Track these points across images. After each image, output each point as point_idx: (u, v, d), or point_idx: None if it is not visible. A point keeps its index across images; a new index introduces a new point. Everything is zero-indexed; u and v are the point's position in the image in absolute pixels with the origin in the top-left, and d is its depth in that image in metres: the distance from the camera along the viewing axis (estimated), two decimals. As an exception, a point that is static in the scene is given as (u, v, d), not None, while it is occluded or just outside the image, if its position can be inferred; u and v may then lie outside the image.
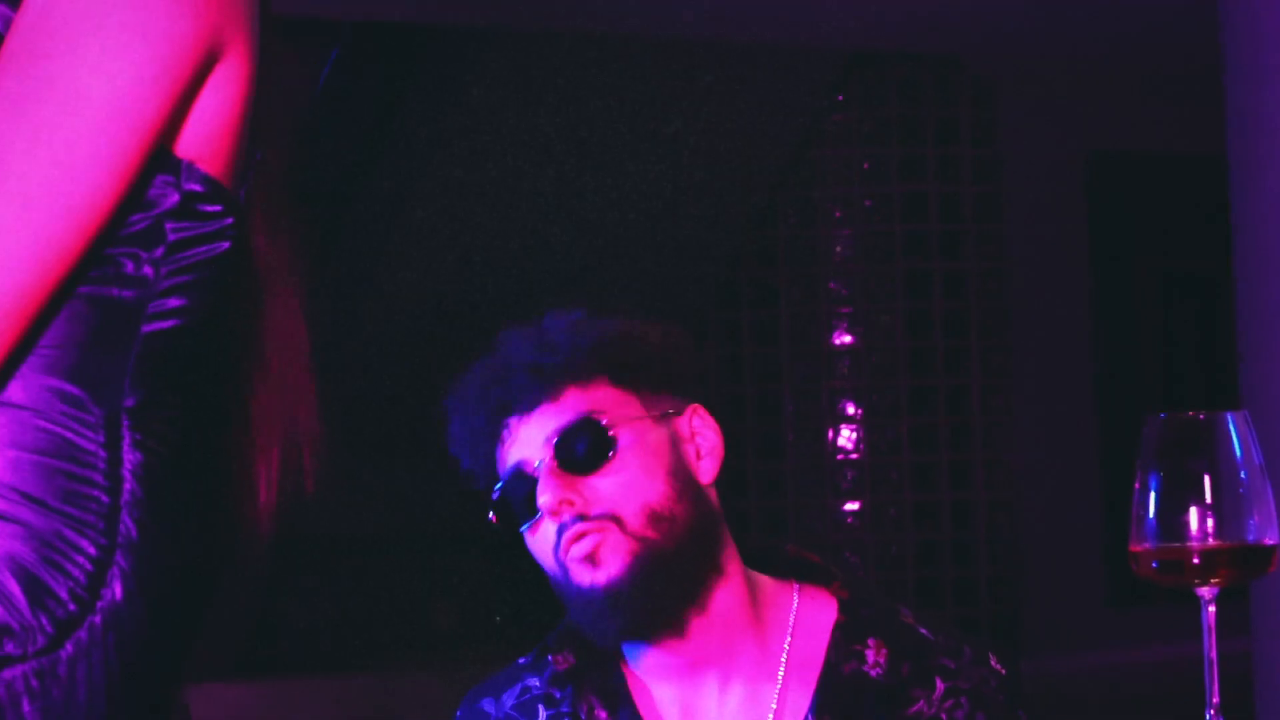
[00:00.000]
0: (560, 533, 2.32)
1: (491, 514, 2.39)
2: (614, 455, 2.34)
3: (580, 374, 2.37)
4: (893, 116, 8.12)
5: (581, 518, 2.32)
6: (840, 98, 8.11)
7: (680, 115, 7.82)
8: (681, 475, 2.37)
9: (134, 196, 1.54)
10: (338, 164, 7.41)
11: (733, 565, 2.40)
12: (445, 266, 7.66)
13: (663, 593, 2.33)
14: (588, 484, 2.33)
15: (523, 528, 2.38)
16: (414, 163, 7.54)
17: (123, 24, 1.51)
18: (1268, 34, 5.97)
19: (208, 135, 1.59)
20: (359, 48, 7.31)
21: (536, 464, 2.34)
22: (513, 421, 2.36)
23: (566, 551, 2.32)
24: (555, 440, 2.34)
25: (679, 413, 2.40)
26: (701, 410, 2.42)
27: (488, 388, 2.38)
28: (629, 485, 2.34)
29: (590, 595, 2.31)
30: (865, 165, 8.10)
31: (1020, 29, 7.73)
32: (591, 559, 2.31)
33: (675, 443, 2.39)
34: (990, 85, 8.24)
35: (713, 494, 2.42)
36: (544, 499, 2.32)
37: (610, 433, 2.34)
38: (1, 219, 1.48)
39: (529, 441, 2.35)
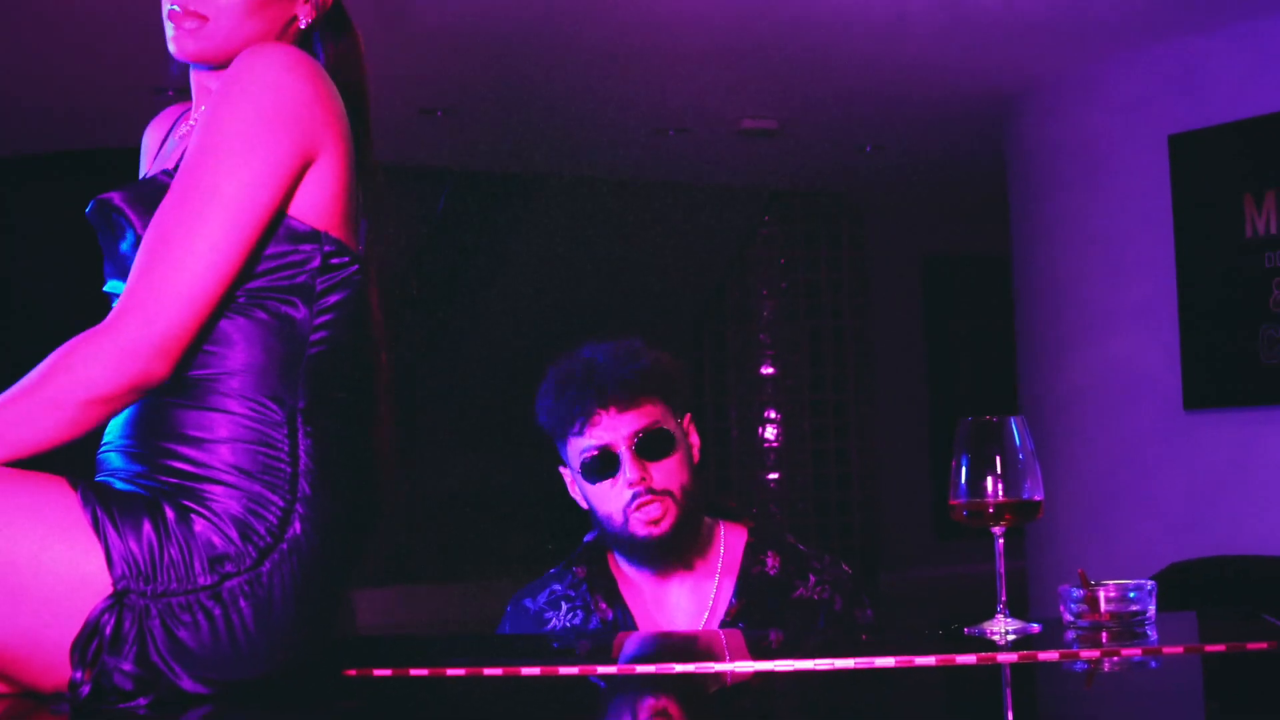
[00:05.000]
0: (634, 498, 2.24)
1: (581, 470, 2.26)
2: (671, 451, 2.28)
3: (650, 390, 2.28)
4: (799, 231, 8.09)
5: (650, 490, 2.25)
6: (766, 219, 8.11)
7: (664, 231, 7.80)
8: (691, 462, 2.31)
9: (260, 246, 1.52)
10: (452, 259, 7.38)
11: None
12: (509, 328, 7.63)
13: (686, 539, 2.30)
14: (653, 467, 2.26)
15: (599, 484, 2.28)
16: (492, 263, 7.52)
17: (246, 147, 1.50)
18: (1037, 174, 5.97)
19: (327, 209, 1.55)
20: (460, 187, 7.29)
21: (620, 449, 2.26)
22: (602, 412, 2.26)
23: (636, 510, 2.24)
24: (638, 435, 2.26)
25: (683, 420, 2.34)
26: (689, 418, 2.36)
27: (587, 382, 2.27)
28: (677, 471, 2.28)
29: (645, 541, 2.26)
30: (782, 261, 8.08)
31: (878, 174, 7.73)
32: (654, 521, 2.26)
33: (684, 440, 2.32)
34: (860, 211, 8.22)
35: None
36: (630, 475, 2.24)
37: (671, 436, 2.29)
38: (179, 252, 1.49)
39: (614, 429, 2.26)
